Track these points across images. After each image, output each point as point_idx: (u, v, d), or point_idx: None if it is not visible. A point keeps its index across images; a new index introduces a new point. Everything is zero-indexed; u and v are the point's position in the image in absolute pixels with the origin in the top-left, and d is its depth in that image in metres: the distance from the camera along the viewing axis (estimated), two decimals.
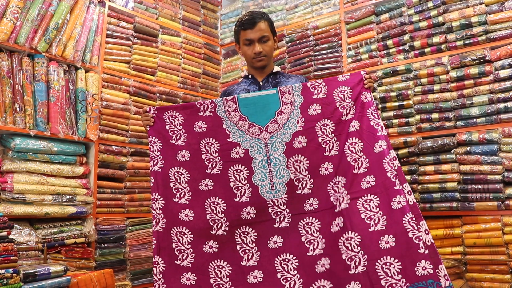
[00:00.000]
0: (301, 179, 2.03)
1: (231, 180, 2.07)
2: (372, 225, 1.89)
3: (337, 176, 2.00)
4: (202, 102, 2.15)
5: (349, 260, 1.89)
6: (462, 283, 2.64)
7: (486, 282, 2.65)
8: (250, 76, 2.40)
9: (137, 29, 3.52)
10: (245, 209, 2.03)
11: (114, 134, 3.24)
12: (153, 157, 2.10)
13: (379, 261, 1.84)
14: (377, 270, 1.83)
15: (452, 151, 2.84)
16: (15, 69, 2.70)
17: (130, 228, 3.22)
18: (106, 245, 3.06)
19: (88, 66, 3.12)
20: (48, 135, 2.79)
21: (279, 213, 2.02)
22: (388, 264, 1.83)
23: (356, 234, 1.90)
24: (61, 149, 2.85)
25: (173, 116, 2.14)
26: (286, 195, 2.02)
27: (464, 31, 2.89)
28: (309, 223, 1.99)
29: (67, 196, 2.85)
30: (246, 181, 2.06)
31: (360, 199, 1.94)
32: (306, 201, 2.01)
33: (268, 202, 2.03)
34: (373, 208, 1.92)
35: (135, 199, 3.30)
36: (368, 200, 1.94)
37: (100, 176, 3.13)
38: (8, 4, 2.67)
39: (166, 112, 2.15)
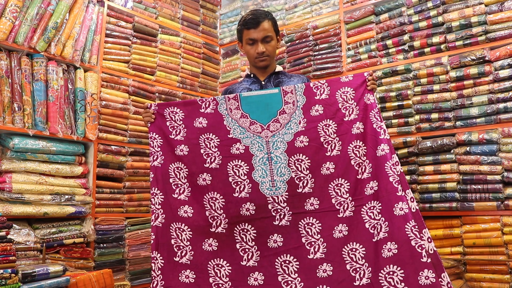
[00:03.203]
0: (302, 178, 2.02)
1: (230, 175, 2.06)
2: (376, 235, 1.89)
3: (339, 178, 2.00)
4: (204, 99, 2.14)
5: (354, 271, 1.89)
6: (462, 283, 2.64)
7: (486, 282, 2.65)
8: (252, 75, 2.39)
9: (136, 29, 3.51)
10: (244, 205, 2.02)
11: (113, 134, 3.23)
12: (153, 153, 2.10)
13: (382, 271, 1.84)
14: (381, 281, 1.83)
15: (452, 151, 2.84)
16: (13, 68, 2.69)
17: (129, 228, 3.21)
18: (105, 245, 3.05)
19: (87, 65, 3.11)
20: (47, 135, 2.78)
21: (279, 210, 2.01)
22: (391, 273, 1.83)
23: (361, 246, 1.91)
24: (60, 148, 2.84)
25: (174, 112, 2.14)
26: (287, 193, 2.02)
27: (464, 31, 2.89)
28: (310, 224, 1.99)
29: (66, 196, 2.84)
30: (245, 177, 2.05)
31: (364, 207, 1.95)
32: (307, 200, 2.01)
33: (268, 199, 2.02)
34: (376, 215, 1.92)
35: (134, 199, 3.29)
36: (372, 208, 1.93)
37: (99, 176, 3.12)
38: (7, 3, 2.66)
39: (167, 108, 2.15)
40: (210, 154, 2.09)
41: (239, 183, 2.05)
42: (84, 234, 2.88)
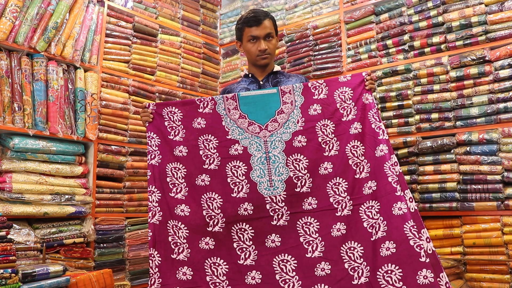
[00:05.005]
0: (300, 177, 2.02)
1: (228, 175, 2.06)
2: (374, 234, 1.89)
3: (337, 177, 2.00)
4: (202, 99, 2.15)
5: (352, 270, 1.89)
6: (462, 283, 2.64)
7: (486, 282, 2.65)
8: (250, 75, 2.39)
9: (136, 29, 3.51)
10: (242, 205, 2.02)
11: (113, 134, 3.24)
12: (150, 152, 2.11)
13: (380, 270, 1.84)
14: (379, 280, 1.83)
15: (452, 151, 2.84)
16: (14, 68, 2.69)
17: (129, 228, 3.21)
18: (105, 245, 3.05)
19: (87, 65, 3.11)
20: (47, 135, 2.79)
21: (277, 210, 2.01)
22: (389, 272, 1.82)
23: (359, 245, 1.91)
24: (60, 148, 2.84)
25: (172, 112, 2.15)
26: (285, 192, 2.02)
27: (464, 31, 2.88)
28: (308, 223, 1.99)
29: (66, 196, 2.84)
30: (244, 177, 2.05)
31: (362, 206, 1.94)
32: (305, 200, 2.01)
33: (266, 199, 2.02)
34: (374, 215, 1.92)
35: (134, 199, 3.29)
36: (370, 207, 1.93)
37: (99, 176, 3.12)
38: (7, 3, 2.66)
39: (165, 108, 2.15)
40: (209, 156, 2.09)
41: (237, 183, 2.05)
42: (84, 234, 2.88)
